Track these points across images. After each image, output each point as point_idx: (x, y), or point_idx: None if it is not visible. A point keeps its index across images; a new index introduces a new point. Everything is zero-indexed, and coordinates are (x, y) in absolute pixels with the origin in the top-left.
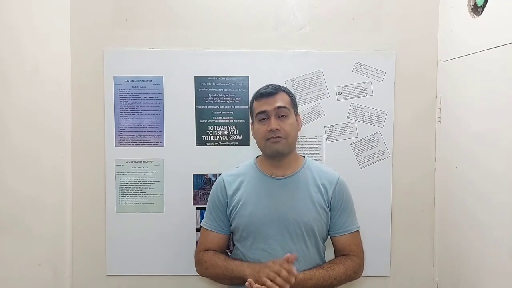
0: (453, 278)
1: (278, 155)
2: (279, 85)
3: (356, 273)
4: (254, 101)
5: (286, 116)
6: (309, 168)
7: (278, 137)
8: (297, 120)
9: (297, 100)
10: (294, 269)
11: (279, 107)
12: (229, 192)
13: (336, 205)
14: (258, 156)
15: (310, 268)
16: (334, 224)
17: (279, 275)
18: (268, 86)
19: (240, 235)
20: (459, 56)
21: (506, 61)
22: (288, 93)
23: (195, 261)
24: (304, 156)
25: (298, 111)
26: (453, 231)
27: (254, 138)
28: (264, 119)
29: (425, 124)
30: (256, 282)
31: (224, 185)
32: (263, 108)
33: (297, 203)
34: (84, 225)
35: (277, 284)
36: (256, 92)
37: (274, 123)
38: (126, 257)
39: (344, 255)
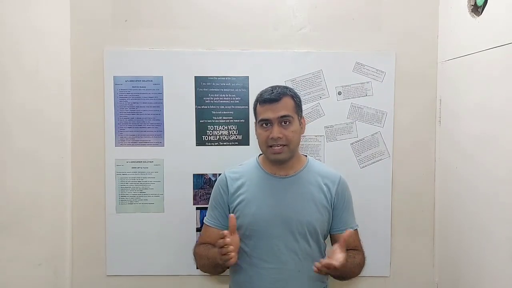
0: (453, 278)
1: (279, 162)
2: (283, 89)
3: (364, 265)
4: (258, 104)
5: (289, 122)
6: (311, 168)
7: (280, 146)
8: (300, 124)
9: None
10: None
11: (282, 116)
12: (231, 189)
13: (339, 204)
14: (261, 154)
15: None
16: (337, 222)
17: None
18: (272, 90)
19: (244, 234)
20: (459, 56)
21: (506, 61)
22: (293, 96)
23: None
24: (306, 156)
25: (303, 114)
26: (453, 232)
27: (257, 139)
28: (267, 124)
29: (425, 125)
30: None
31: (227, 182)
32: (266, 115)
33: (300, 203)
34: (84, 225)
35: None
36: (260, 95)
37: (276, 132)
38: (126, 257)
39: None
